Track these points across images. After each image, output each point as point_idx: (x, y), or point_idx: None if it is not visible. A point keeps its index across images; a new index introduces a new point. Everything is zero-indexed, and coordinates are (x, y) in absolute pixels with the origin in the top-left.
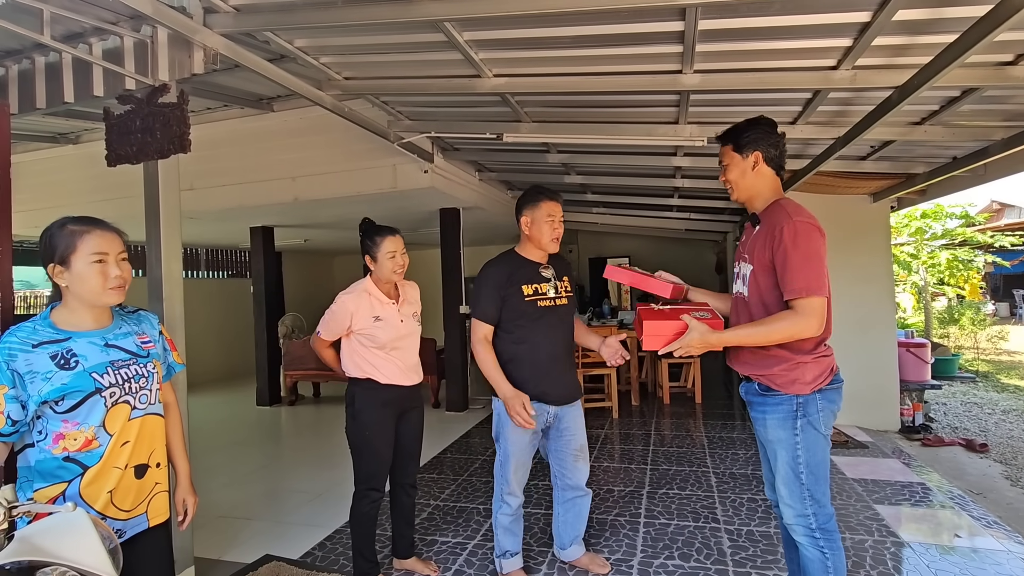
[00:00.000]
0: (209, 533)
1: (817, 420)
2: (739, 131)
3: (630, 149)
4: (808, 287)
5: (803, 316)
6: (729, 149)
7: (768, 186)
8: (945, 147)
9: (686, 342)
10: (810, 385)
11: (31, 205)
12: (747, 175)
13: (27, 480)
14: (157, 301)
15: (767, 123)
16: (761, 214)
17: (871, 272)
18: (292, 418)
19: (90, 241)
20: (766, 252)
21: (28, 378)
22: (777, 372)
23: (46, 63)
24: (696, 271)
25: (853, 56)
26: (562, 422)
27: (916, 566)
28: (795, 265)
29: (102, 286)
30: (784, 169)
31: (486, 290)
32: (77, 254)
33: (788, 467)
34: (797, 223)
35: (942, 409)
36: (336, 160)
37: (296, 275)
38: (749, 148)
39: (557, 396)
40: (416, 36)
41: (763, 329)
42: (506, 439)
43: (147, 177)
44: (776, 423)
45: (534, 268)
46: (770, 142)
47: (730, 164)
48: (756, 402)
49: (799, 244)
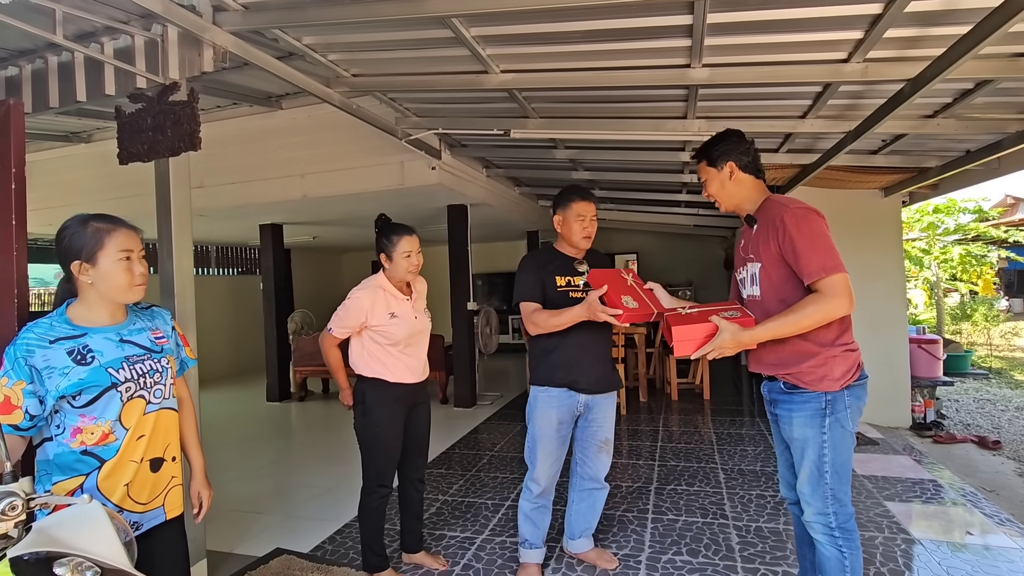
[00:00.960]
0: (221, 526)
1: (845, 417)
2: (709, 146)
3: (638, 144)
4: (825, 266)
5: (831, 295)
6: (704, 165)
7: (752, 188)
8: (958, 140)
9: (718, 344)
10: (839, 381)
11: (44, 204)
12: (726, 185)
13: (46, 473)
14: (169, 297)
15: (734, 134)
16: (756, 213)
17: (882, 268)
18: (302, 414)
19: (117, 239)
20: (771, 245)
21: (46, 373)
22: (805, 369)
23: (59, 63)
24: (705, 267)
25: (864, 48)
26: (592, 412)
27: (927, 563)
28: (806, 248)
29: (129, 283)
30: (762, 172)
31: (525, 275)
32: (104, 251)
33: (814, 465)
34: (794, 210)
35: (954, 406)
36: (344, 157)
37: (305, 272)
38: (722, 160)
39: (587, 385)
40: (423, 32)
41: (793, 317)
42: (534, 423)
43: (158, 175)
44: (803, 421)
45: (568, 262)
46: (740, 150)
47: (708, 179)
48: (781, 400)
49: (802, 228)
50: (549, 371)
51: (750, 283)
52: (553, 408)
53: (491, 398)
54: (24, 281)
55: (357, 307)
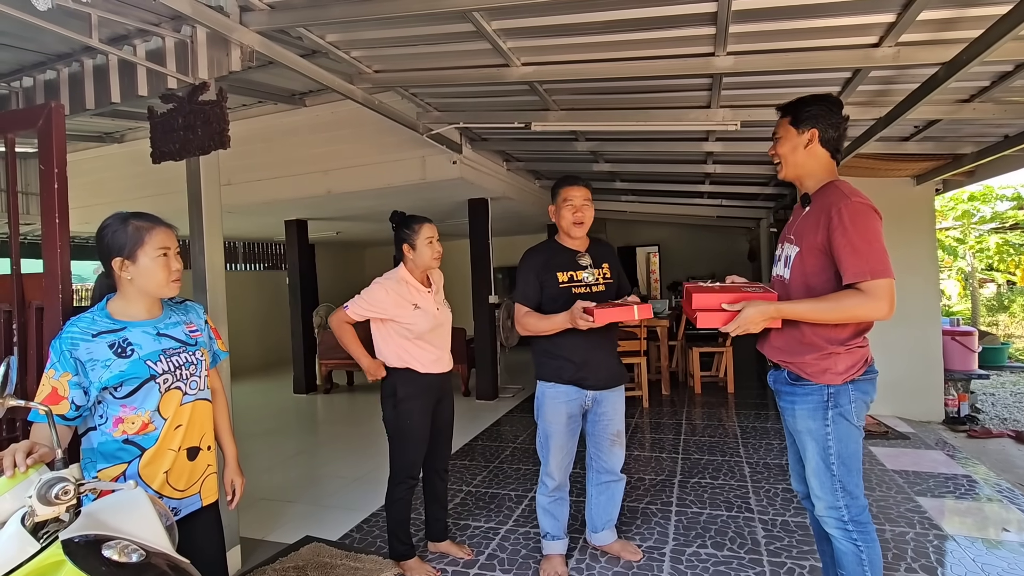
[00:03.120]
0: (253, 515)
1: (849, 411)
2: (801, 104)
3: (660, 135)
4: (874, 269)
5: (873, 298)
6: (786, 122)
7: (821, 167)
8: (996, 125)
9: (743, 319)
10: (842, 376)
11: (81, 202)
12: (798, 151)
13: (91, 461)
14: (201, 292)
15: (832, 101)
16: (813, 195)
17: (914, 258)
18: (328, 406)
19: (156, 237)
20: (818, 234)
21: (89, 366)
22: (808, 360)
23: (94, 65)
24: (728, 259)
25: (896, 32)
26: (600, 406)
27: (961, 560)
28: (857, 247)
29: (166, 279)
30: (841, 153)
31: (524, 275)
32: (144, 249)
33: (819, 458)
34: (855, 203)
35: (990, 400)
36: (367, 153)
37: (329, 267)
38: (807, 124)
39: (595, 381)
40: (445, 27)
41: (828, 305)
42: (543, 418)
43: (189, 173)
44: (806, 413)
45: (571, 256)
46: (831, 122)
47: (784, 137)
48: (785, 391)
49: (858, 225)
50: (556, 369)
51: (783, 264)
52: (562, 403)
53: (513, 391)
54: (68, 277)
55: (379, 294)
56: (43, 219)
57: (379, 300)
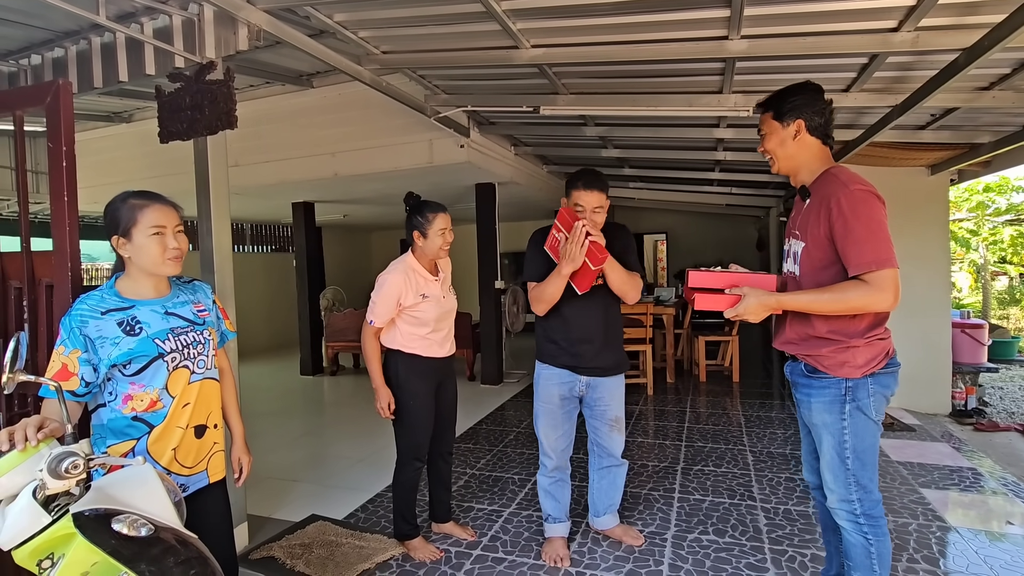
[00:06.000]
0: (260, 493)
1: (867, 405)
2: (781, 97)
3: (670, 121)
4: (878, 259)
5: (877, 289)
6: (769, 117)
7: (814, 156)
8: (1015, 114)
9: (744, 306)
10: (861, 369)
11: (90, 182)
12: (787, 144)
13: (100, 437)
14: (209, 272)
15: (812, 88)
16: (811, 186)
17: (926, 249)
18: (334, 388)
19: (149, 214)
20: (820, 226)
21: (98, 343)
22: (826, 353)
23: (101, 43)
24: (737, 248)
25: (916, 16)
26: (596, 391)
27: (963, 551)
28: (859, 236)
29: (160, 257)
30: (831, 138)
31: (532, 253)
32: (138, 227)
33: (834, 452)
34: (855, 191)
35: (998, 393)
36: (374, 135)
37: (336, 250)
38: (791, 116)
39: (588, 369)
40: (453, 7)
41: (830, 296)
42: (538, 397)
43: (197, 153)
44: (822, 407)
45: None
46: (815, 109)
47: (769, 133)
48: (801, 383)
49: (860, 213)
50: (552, 353)
51: (792, 260)
52: (554, 385)
53: (517, 376)
54: (76, 255)
55: (392, 290)
56: (52, 197)
57: (392, 295)
